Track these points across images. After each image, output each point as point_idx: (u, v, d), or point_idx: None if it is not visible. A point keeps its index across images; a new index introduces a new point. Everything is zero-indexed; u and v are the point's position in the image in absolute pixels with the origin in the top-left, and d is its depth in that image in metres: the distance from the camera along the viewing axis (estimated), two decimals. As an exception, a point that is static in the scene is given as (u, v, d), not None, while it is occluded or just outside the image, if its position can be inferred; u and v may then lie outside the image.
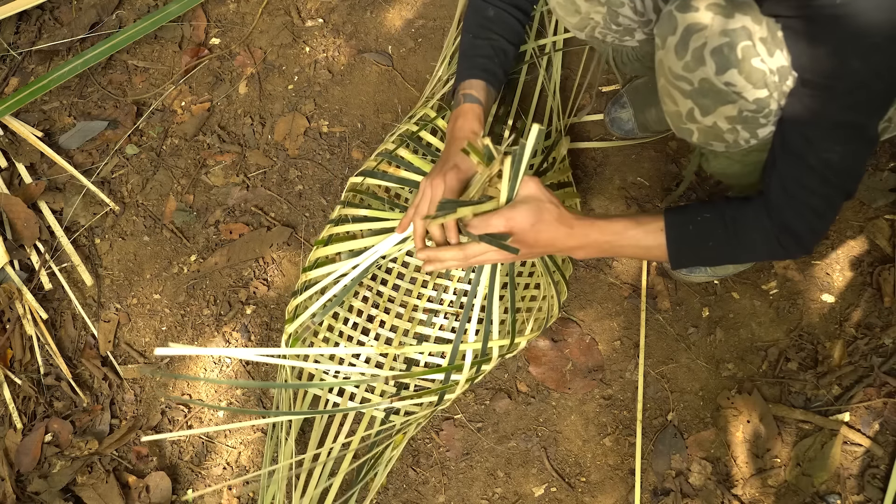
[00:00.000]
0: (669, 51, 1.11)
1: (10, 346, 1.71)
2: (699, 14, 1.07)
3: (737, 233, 1.14)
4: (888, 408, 1.42)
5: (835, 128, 1.04)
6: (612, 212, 1.66)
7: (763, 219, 1.12)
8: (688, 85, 1.12)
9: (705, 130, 1.19)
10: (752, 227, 1.13)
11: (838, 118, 1.03)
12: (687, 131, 1.20)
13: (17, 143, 1.92)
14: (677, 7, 1.09)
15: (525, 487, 1.49)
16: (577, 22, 1.26)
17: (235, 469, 1.59)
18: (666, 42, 1.11)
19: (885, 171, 1.59)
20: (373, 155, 1.56)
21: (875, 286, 1.51)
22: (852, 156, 1.06)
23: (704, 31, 1.07)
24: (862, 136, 1.05)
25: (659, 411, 1.51)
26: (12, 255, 1.79)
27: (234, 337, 1.69)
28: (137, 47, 2.01)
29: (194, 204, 1.82)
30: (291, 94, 1.90)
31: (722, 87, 1.10)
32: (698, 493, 1.43)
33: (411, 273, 1.66)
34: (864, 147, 1.07)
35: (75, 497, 1.57)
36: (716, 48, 1.07)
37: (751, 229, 1.13)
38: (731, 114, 1.14)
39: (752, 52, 1.06)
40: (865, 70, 0.98)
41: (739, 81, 1.09)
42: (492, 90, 1.31)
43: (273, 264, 1.74)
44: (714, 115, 1.15)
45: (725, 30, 1.06)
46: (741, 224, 1.13)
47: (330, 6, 1.98)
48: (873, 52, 0.96)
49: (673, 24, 1.09)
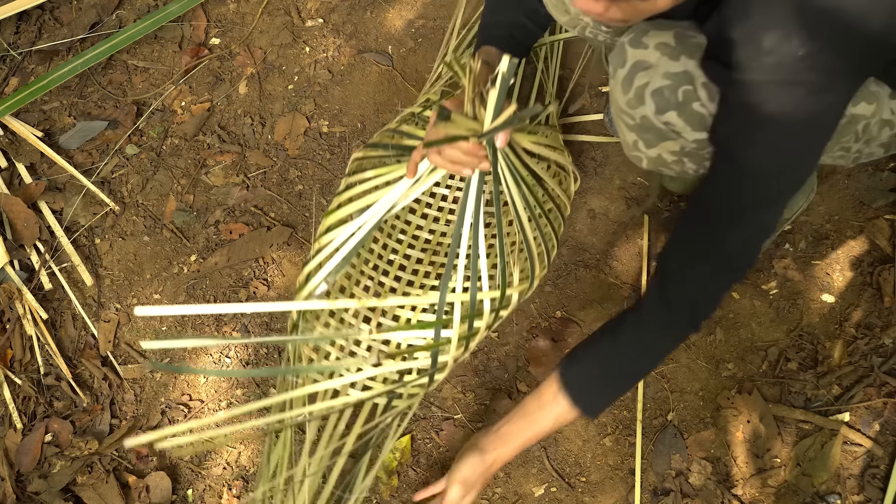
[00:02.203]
0: (617, 83, 1.12)
1: (10, 346, 1.71)
2: (647, 52, 1.07)
3: (630, 348, 1.14)
4: (888, 408, 1.42)
5: (730, 206, 1.03)
6: (612, 212, 1.66)
7: (652, 318, 1.11)
8: (631, 119, 1.14)
9: (653, 160, 1.21)
10: (638, 333, 1.12)
11: (733, 195, 1.02)
12: (637, 158, 1.22)
13: (17, 143, 1.92)
14: (630, 41, 1.10)
15: (525, 487, 1.49)
16: (568, 21, 1.27)
17: (235, 469, 1.59)
18: (616, 73, 1.12)
19: (885, 172, 1.59)
20: (375, 135, 1.52)
21: (875, 286, 1.51)
22: (742, 241, 1.04)
23: (650, 70, 1.07)
24: (754, 222, 1.03)
25: (659, 411, 1.51)
26: (12, 255, 1.79)
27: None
28: (137, 47, 2.01)
29: (194, 204, 1.82)
30: (291, 94, 1.90)
31: (661, 127, 1.11)
32: (698, 493, 1.43)
33: (416, 238, 1.63)
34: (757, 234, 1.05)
35: (75, 497, 1.57)
36: (657, 89, 1.07)
37: (639, 337, 1.12)
38: (674, 149, 1.15)
39: (692, 96, 1.07)
40: (756, 159, 0.97)
41: (678, 123, 1.10)
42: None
43: (273, 264, 1.74)
44: (657, 148, 1.17)
45: (668, 72, 1.06)
46: (629, 339, 1.13)
47: (330, 6, 1.98)
48: (769, 127, 0.95)
49: (623, 58, 1.10)
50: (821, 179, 1.59)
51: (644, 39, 1.08)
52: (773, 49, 0.89)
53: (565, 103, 1.76)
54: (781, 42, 0.88)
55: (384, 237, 1.64)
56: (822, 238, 1.56)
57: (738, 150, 0.99)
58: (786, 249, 1.57)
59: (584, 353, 1.19)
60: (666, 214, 1.63)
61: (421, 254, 1.62)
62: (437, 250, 1.64)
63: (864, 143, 1.17)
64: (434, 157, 1.13)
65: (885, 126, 1.13)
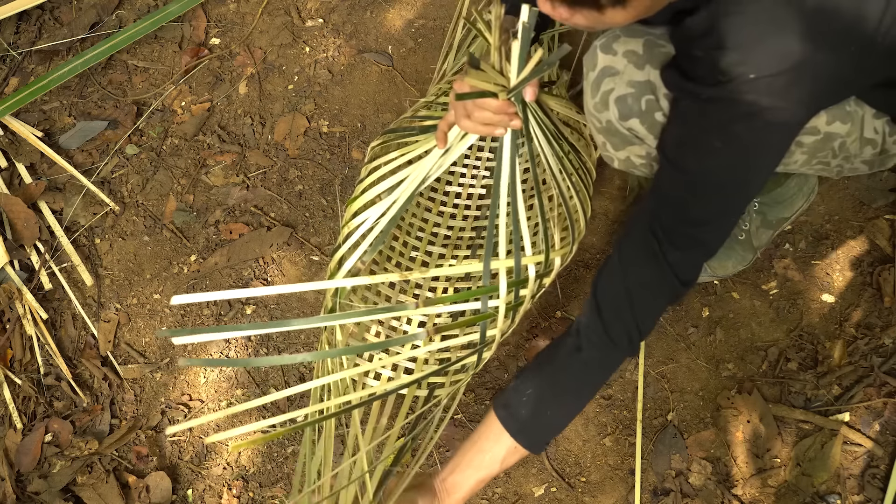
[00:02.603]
0: (588, 85, 1.14)
1: (10, 346, 1.71)
2: (615, 59, 1.09)
3: (571, 378, 1.12)
4: (888, 408, 1.42)
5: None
6: (612, 212, 1.66)
7: (593, 335, 1.09)
8: (598, 122, 1.16)
9: (622, 161, 1.21)
10: (585, 349, 1.10)
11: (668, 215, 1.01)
12: (608, 158, 1.24)
13: (17, 143, 1.92)
14: (601, 46, 1.11)
15: (525, 487, 1.49)
16: None
17: (235, 469, 1.59)
18: (588, 76, 1.13)
19: (885, 172, 1.59)
20: (392, 123, 1.48)
21: (875, 286, 1.51)
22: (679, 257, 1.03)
23: (616, 76, 1.09)
24: (693, 237, 1.03)
25: (659, 411, 1.51)
26: (12, 255, 1.79)
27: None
28: (137, 47, 2.01)
29: (194, 204, 1.82)
30: (291, 94, 1.90)
31: (625, 132, 1.12)
32: (698, 493, 1.43)
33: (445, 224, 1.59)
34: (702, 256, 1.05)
35: (75, 497, 1.57)
36: (620, 96, 1.09)
37: (583, 353, 1.10)
38: (641, 153, 1.16)
39: (654, 105, 1.08)
40: (697, 171, 0.98)
41: (641, 130, 1.11)
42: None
43: (273, 264, 1.74)
44: (625, 151, 1.18)
45: (633, 80, 1.07)
46: (575, 359, 1.11)
47: (330, 6, 1.98)
48: (715, 142, 0.95)
49: (594, 61, 1.11)
50: (821, 180, 1.59)
51: (614, 45, 1.09)
52: (727, 69, 0.91)
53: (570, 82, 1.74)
54: (736, 65, 0.90)
55: (409, 216, 1.58)
56: (822, 238, 1.56)
57: (683, 160, 0.99)
58: (786, 249, 1.57)
59: (523, 384, 1.15)
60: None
61: (448, 231, 1.58)
62: (464, 226, 1.59)
63: (844, 160, 1.17)
64: (464, 123, 1.09)
65: (866, 145, 1.14)
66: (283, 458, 1.59)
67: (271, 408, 1.63)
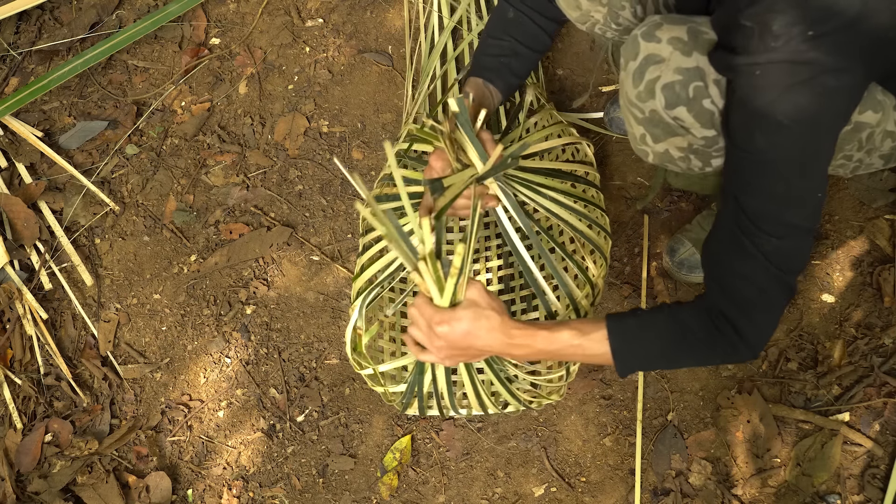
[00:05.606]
0: (628, 75, 1.11)
1: (10, 346, 1.71)
2: (660, 46, 1.07)
3: (684, 338, 1.09)
4: (888, 408, 1.42)
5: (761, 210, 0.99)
6: (611, 212, 1.66)
7: (704, 319, 1.06)
8: (640, 112, 1.13)
9: (659, 154, 1.20)
10: (695, 329, 1.07)
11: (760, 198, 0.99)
12: (643, 152, 1.22)
13: (17, 143, 1.92)
14: (643, 34, 1.09)
15: (525, 487, 1.49)
16: (578, 16, 1.27)
17: (235, 469, 1.59)
18: (627, 66, 1.11)
19: (886, 172, 1.58)
20: (375, 186, 1.49)
21: (875, 286, 1.51)
22: (779, 242, 0.99)
23: (661, 64, 1.07)
24: (786, 221, 0.99)
25: (659, 411, 1.51)
26: (12, 255, 1.79)
27: (234, 337, 1.69)
28: (137, 47, 2.01)
29: (194, 204, 1.82)
30: (291, 94, 1.90)
31: (670, 122, 1.11)
32: (698, 493, 1.43)
33: None
34: (800, 240, 1.01)
35: (75, 497, 1.57)
36: (667, 84, 1.07)
37: (694, 332, 1.08)
38: (682, 145, 1.14)
39: (703, 92, 1.06)
40: (770, 149, 0.95)
41: (688, 119, 1.09)
42: (491, 87, 1.31)
43: (273, 264, 1.74)
44: (665, 143, 1.16)
45: (680, 67, 1.06)
46: (686, 328, 1.08)
47: (330, 6, 1.98)
48: (781, 112, 0.92)
49: (636, 50, 1.10)
50: (821, 179, 1.59)
51: (657, 33, 1.07)
52: (781, 31, 0.88)
53: (566, 101, 1.76)
54: (791, 25, 0.88)
55: None
56: (822, 238, 1.56)
57: (751, 142, 0.97)
58: (786, 249, 1.57)
59: (642, 318, 1.12)
60: (666, 214, 1.63)
61: None
62: (490, 279, 1.60)
63: (866, 153, 1.16)
64: (447, 213, 1.14)
65: (887, 137, 1.13)
66: (283, 459, 1.59)
67: (271, 408, 1.63)
